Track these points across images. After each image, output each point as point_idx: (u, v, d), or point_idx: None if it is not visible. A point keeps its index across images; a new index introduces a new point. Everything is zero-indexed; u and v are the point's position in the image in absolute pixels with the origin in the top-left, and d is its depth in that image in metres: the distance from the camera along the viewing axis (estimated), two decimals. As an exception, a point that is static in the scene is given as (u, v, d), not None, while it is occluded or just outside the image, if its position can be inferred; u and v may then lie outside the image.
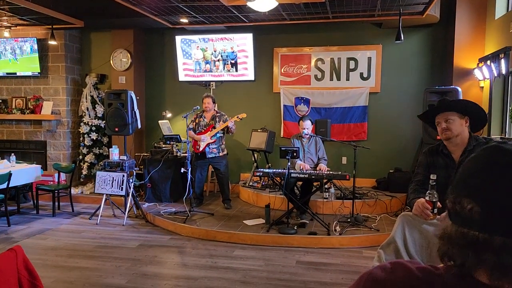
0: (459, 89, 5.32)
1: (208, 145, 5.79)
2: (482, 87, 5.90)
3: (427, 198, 2.11)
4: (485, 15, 5.93)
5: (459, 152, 2.44)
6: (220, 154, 5.92)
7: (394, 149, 6.84)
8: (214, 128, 5.81)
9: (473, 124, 2.44)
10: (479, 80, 5.85)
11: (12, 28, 7.22)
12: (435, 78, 6.61)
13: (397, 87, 6.80)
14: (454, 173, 2.40)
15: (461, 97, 5.11)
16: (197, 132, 5.87)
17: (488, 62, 5.27)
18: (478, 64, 5.72)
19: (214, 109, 6.01)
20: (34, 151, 7.58)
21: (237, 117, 5.81)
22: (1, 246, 4.67)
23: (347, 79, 6.93)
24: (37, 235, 5.14)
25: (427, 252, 2.01)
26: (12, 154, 6.36)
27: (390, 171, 6.49)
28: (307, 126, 5.39)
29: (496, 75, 5.15)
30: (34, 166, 6.21)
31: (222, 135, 5.95)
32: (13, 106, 7.49)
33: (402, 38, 5.62)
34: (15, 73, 7.43)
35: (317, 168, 5.21)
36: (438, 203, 2.09)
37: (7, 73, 7.46)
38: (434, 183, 2.10)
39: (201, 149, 5.77)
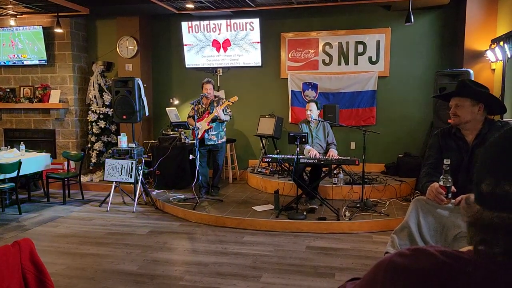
0: (471, 71, 5.22)
1: (206, 131, 5.70)
2: (494, 69, 5.79)
3: (441, 183, 2.07)
4: (497, -5, 5.79)
5: (473, 135, 2.39)
6: (219, 141, 5.81)
7: (403, 134, 6.77)
8: (211, 113, 5.69)
9: (491, 109, 2.38)
10: (491, 62, 5.73)
11: (17, 16, 7.20)
12: (445, 60, 6.50)
13: (407, 71, 6.70)
14: (468, 156, 2.36)
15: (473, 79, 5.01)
16: (196, 119, 5.77)
17: (501, 43, 5.15)
18: (490, 45, 5.60)
19: (213, 95, 5.91)
20: (43, 139, 7.63)
21: (229, 101, 5.65)
22: (13, 234, 4.73)
23: (356, 63, 6.84)
24: (48, 223, 5.19)
25: (442, 237, 1.98)
26: (22, 143, 6.40)
27: (399, 155, 6.44)
28: (311, 108, 5.35)
29: (509, 56, 5.04)
30: (43, 155, 6.25)
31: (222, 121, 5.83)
32: (21, 95, 7.52)
33: (413, 20, 5.51)
34: (22, 62, 7.44)
35: (327, 155, 5.18)
36: (453, 187, 2.06)
37: (12, 62, 7.47)
38: (448, 167, 2.06)
39: (199, 136, 5.64)
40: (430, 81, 6.08)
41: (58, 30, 6.86)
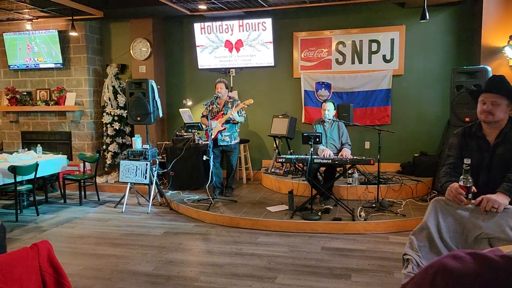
0: (489, 68, 5.12)
1: (220, 132, 5.69)
2: (512, 66, 5.67)
3: (461, 183, 2.02)
4: (516, -10, 5.66)
5: (494, 134, 2.32)
6: (232, 142, 5.79)
7: (419, 133, 6.67)
8: (225, 114, 5.67)
9: None
10: (508, 58, 5.61)
11: (33, 20, 7.32)
12: (462, 57, 6.37)
13: (422, 69, 6.60)
14: (489, 155, 2.29)
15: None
16: (210, 119, 5.75)
17: (520, 39, 5.04)
18: (508, 41, 5.48)
19: (228, 95, 5.91)
20: (59, 141, 7.75)
21: (244, 104, 5.61)
22: (31, 235, 4.80)
23: (369, 62, 6.76)
24: (65, 224, 5.25)
25: (462, 238, 1.93)
26: (38, 145, 6.50)
27: (415, 155, 6.35)
28: (328, 108, 5.30)
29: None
30: (60, 157, 6.33)
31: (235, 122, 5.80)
32: (38, 98, 7.64)
33: (428, 17, 5.42)
34: (38, 65, 7.56)
35: (340, 154, 5.13)
36: (473, 188, 2.01)
37: (29, 65, 7.59)
38: (468, 167, 2.01)
39: (213, 136, 5.62)
40: (446, 79, 5.97)
41: (73, 34, 6.95)
